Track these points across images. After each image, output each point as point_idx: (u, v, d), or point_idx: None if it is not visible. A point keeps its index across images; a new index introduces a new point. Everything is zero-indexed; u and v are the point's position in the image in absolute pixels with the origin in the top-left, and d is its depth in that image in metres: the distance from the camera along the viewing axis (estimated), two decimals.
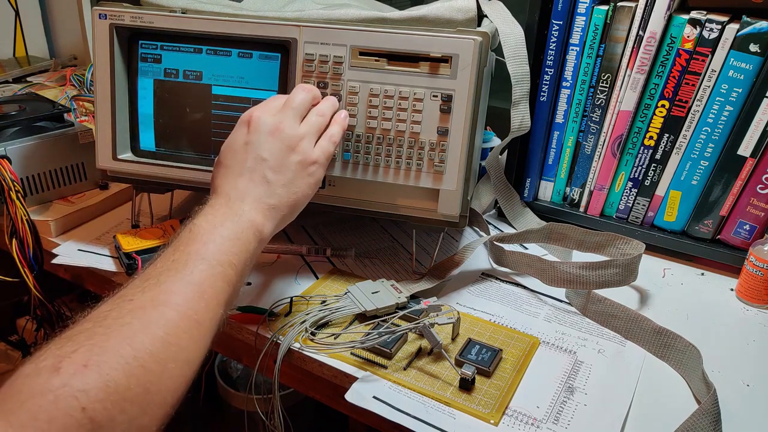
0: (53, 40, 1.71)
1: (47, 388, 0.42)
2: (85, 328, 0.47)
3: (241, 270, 0.58)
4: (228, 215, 0.60)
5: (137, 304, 0.50)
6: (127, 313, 0.49)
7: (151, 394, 0.46)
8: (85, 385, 0.42)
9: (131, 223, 0.92)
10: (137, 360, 0.46)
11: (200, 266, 0.55)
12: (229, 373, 1.50)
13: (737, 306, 0.80)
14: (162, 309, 0.50)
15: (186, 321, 0.51)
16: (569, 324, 0.75)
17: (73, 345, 0.45)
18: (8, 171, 0.84)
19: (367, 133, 0.75)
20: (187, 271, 0.54)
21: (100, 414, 0.42)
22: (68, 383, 0.42)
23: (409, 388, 0.64)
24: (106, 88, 0.80)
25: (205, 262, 0.55)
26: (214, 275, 0.55)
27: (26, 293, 0.88)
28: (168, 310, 0.50)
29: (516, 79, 0.82)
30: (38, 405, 0.41)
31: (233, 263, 0.57)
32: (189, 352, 0.51)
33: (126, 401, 0.44)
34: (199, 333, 0.52)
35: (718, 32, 0.78)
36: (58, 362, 0.43)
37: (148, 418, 0.46)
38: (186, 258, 0.55)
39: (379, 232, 0.94)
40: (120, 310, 0.49)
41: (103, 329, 0.47)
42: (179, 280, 0.53)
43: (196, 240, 0.57)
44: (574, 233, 0.83)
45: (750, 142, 0.79)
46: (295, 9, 0.80)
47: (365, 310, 0.72)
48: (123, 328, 0.48)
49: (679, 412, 0.62)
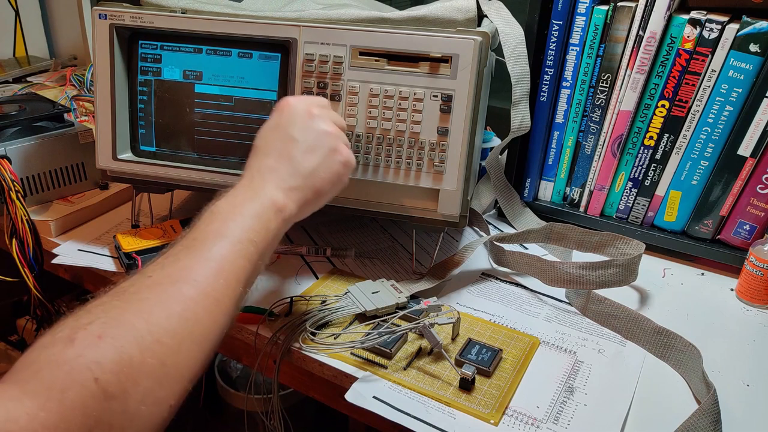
0: (53, 40, 1.71)
1: (62, 358, 0.42)
2: (103, 301, 0.48)
3: (263, 248, 0.58)
4: (248, 195, 0.60)
5: (155, 280, 0.50)
6: (145, 288, 0.50)
7: (166, 368, 0.46)
8: (99, 357, 0.43)
9: (131, 223, 0.93)
10: (152, 334, 0.46)
11: (220, 243, 0.54)
12: (229, 373, 1.50)
13: (737, 306, 0.80)
14: (179, 285, 0.50)
15: (204, 297, 0.51)
16: (569, 324, 0.75)
17: (89, 317, 0.45)
18: (8, 171, 0.84)
19: (367, 133, 0.75)
20: (206, 248, 0.54)
21: (113, 385, 0.42)
22: (82, 354, 0.42)
23: (409, 388, 0.64)
24: (106, 88, 0.80)
25: (225, 240, 0.55)
26: (233, 252, 0.55)
27: (26, 293, 0.88)
28: (186, 285, 0.50)
29: (516, 79, 0.82)
30: (53, 375, 0.41)
31: (254, 241, 0.57)
32: (206, 328, 0.51)
33: (140, 374, 0.44)
34: (218, 309, 0.52)
35: (718, 32, 0.78)
36: (74, 333, 0.43)
37: (165, 392, 0.46)
38: (205, 236, 0.55)
39: (379, 232, 0.94)
40: (138, 285, 0.50)
41: (120, 302, 0.48)
42: (198, 258, 0.53)
43: (216, 219, 0.57)
44: (574, 233, 0.83)
45: (750, 142, 0.80)
46: (295, 9, 0.80)
47: (365, 310, 0.72)
48: (140, 303, 0.48)
49: (679, 412, 0.62)
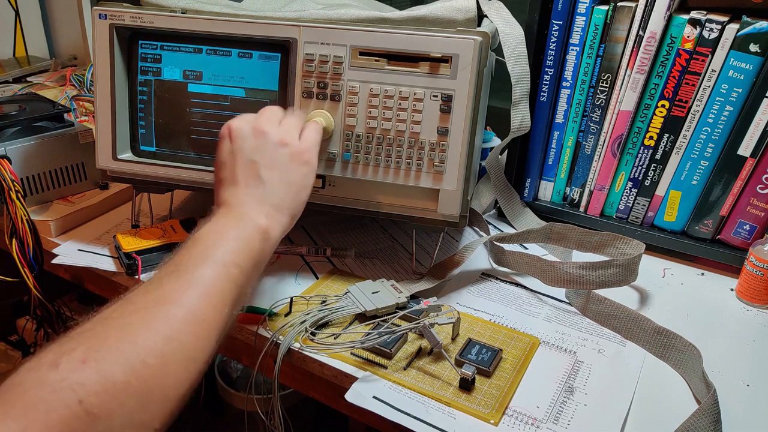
0: (53, 40, 1.71)
1: (46, 381, 0.42)
2: (87, 328, 0.48)
3: (248, 271, 0.58)
4: (231, 221, 0.61)
5: (140, 305, 0.51)
6: (129, 314, 0.50)
7: (151, 390, 0.46)
8: (83, 379, 0.43)
9: (131, 223, 0.92)
10: (137, 356, 0.46)
11: (204, 266, 0.55)
12: (229, 373, 1.50)
13: (737, 306, 0.80)
14: (165, 307, 0.51)
15: (190, 318, 0.51)
16: (569, 324, 0.75)
17: (73, 343, 0.46)
18: (8, 171, 0.84)
19: (367, 133, 0.75)
20: (189, 272, 0.54)
21: (96, 407, 0.42)
22: (66, 377, 0.43)
23: (409, 388, 0.64)
24: (106, 88, 0.80)
25: (209, 263, 0.55)
26: (218, 275, 0.55)
27: (26, 293, 0.88)
28: (171, 307, 0.51)
29: (516, 79, 0.82)
30: (37, 396, 0.41)
31: (238, 263, 0.57)
32: (193, 350, 0.51)
33: (125, 395, 0.44)
34: (204, 331, 0.52)
35: (718, 32, 0.78)
36: (58, 358, 0.44)
37: (150, 414, 0.46)
38: (189, 261, 0.55)
39: (379, 232, 0.94)
40: (122, 311, 0.50)
41: (104, 328, 0.48)
42: (183, 281, 0.53)
43: (199, 244, 0.57)
44: (574, 233, 0.83)
45: (750, 142, 0.79)
46: (295, 9, 0.80)
47: (365, 310, 0.72)
48: (124, 328, 0.48)
49: (679, 412, 0.62)
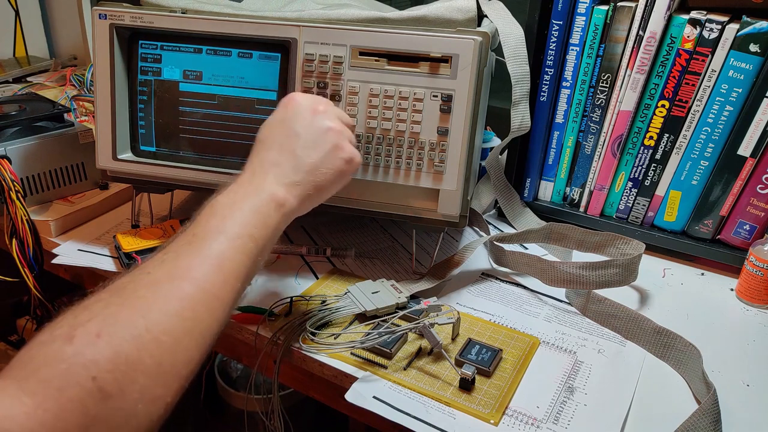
0: (53, 40, 1.71)
1: (60, 356, 0.42)
2: (101, 297, 0.48)
3: (263, 244, 0.58)
4: (249, 190, 0.60)
5: (154, 277, 0.50)
6: (144, 286, 0.49)
7: (163, 367, 0.46)
8: (97, 355, 0.43)
9: (131, 223, 0.92)
10: (150, 332, 0.46)
11: (219, 239, 0.54)
12: (229, 373, 1.50)
13: (737, 306, 0.80)
14: (178, 282, 0.50)
15: (203, 294, 0.51)
16: (569, 324, 0.75)
17: (88, 314, 0.45)
18: (8, 171, 0.84)
19: (367, 133, 0.75)
20: (205, 245, 0.54)
21: (109, 384, 0.42)
22: (80, 352, 0.42)
23: (409, 388, 0.64)
24: (106, 88, 0.80)
25: (224, 236, 0.55)
26: (233, 248, 0.55)
27: (26, 293, 0.88)
28: (185, 283, 0.50)
29: (516, 79, 0.82)
30: (50, 373, 0.41)
31: (253, 236, 0.57)
32: (205, 326, 0.51)
33: (137, 372, 0.44)
34: (217, 306, 0.52)
35: (718, 32, 0.78)
36: (72, 330, 0.44)
37: (161, 390, 0.46)
38: (205, 232, 0.55)
39: (379, 232, 0.94)
40: (137, 282, 0.50)
41: (119, 300, 0.48)
42: (197, 255, 0.53)
43: (216, 215, 0.57)
44: (574, 233, 0.83)
45: (750, 142, 0.79)
46: (295, 9, 0.80)
47: (365, 310, 0.72)
48: (138, 301, 0.48)
49: (679, 412, 0.62)
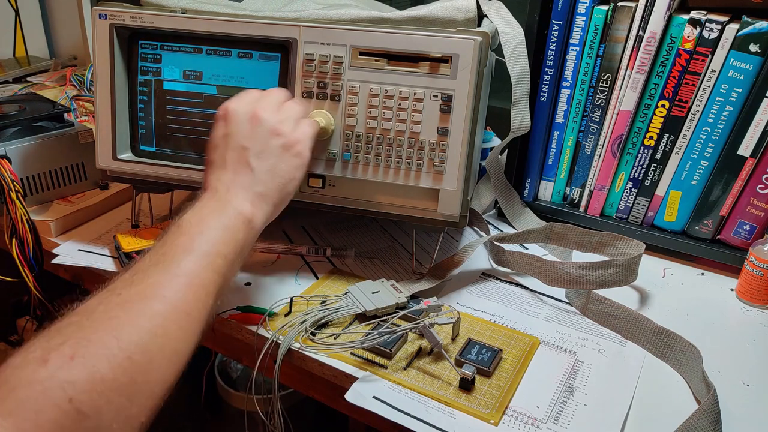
0: (53, 40, 1.71)
1: (35, 378, 0.42)
2: (73, 321, 0.48)
3: (232, 260, 0.58)
4: (215, 207, 0.60)
5: (125, 297, 0.50)
6: (115, 306, 0.50)
7: (138, 385, 0.46)
8: (72, 377, 0.43)
9: (131, 223, 0.92)
10: (123, 352, 0.46)
11: (188, 258, 0.55)
12: (229, 373, 1.50)
13: (737, 306, 0.80)
14: (149, 302, 0.51)
15: (174, 312, 0.51)
16: (569, 324, 0.75)
17: (60, 337, 0.45)
18: (8, 171, 0.84)
19: (367, 133, 0.75)
20: (174, 263, 0.54)
21: (86, 405, 0.43)
22: (55, 375, 0.43)
23: (409, 388, 0.64)
24: (106, 88, 0.80)
25: (193, 254, 0.55)
26: (202, 266, 0.55)
27: (26, 293, 0.88)
28: (155, 302, 0.51)
29: (516, 79, 0.82)
30: (26, 395, 0.41)
31: (222, 253, 0.57)
32: (177, 343, 0.51)
33: (112, 392, 0.44)
34: (188, 324, 0.52)
35: (718, 32, 0.78)
36: (46, 354, 0.44)
37: (136, 409, 0.46)
38: (174, 251, 0.55)
39: (379, 232, 0.94)
40: (108, 303, 0.50)
41: (90, 322, 0.48)
42: (166, 273, 0.53)
43: (184, 233, 0.57)
44: (574, 233, 0.83)
45: (750, 142, 0.79)
46: (295, 9, 0.80)
47: (365, 310, 0.72)
48: (110, 321, 0.48)
49: (679, 412, 0.62)
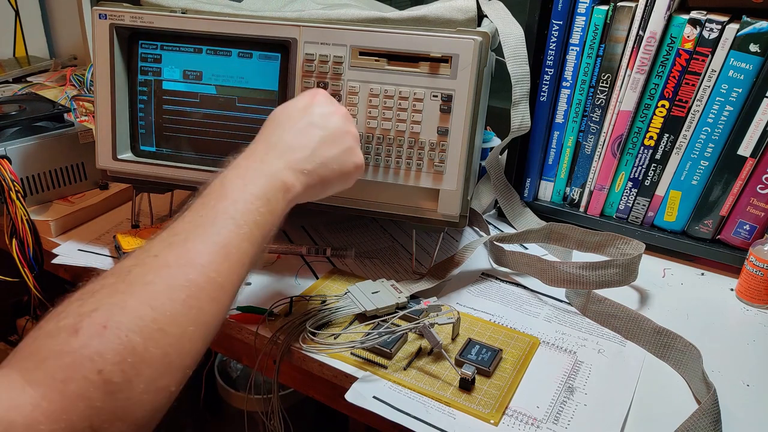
0: (53, 40, 1.71)
1: (66, 349, 0.42)
2: (108, 283, 0.47)
3: (267, 231, 0.58)
4: (260, 172, 0.59)
5: (161, 261, 0.50)
6: (150, 270, 0.49)
7: (169, 357, 0.46)
8: (103, 348, 0.42)
9: (131, 223, 0.92)
10: (156, 323, 0.46)
11: (228, 226, 0.54)
12: (229, 373, 1.50)
13: (737, 306, 0.80)
14: (186, 269, 0.50)
15: (209, 284, 0.50)
16: (569, 324, 0.75)
17: (94, 302, 0.45)
18: (8, 171, 0.84)
19: (367, 133, 0.75)
20: (214, 230, 0.53)
21: (116, 376, 0.42)
22: (87, 344, 0.42)
23: (409, 388, 0.64)
24: (106, 88, 0.80)
25: (233, 222, 0.54)
26: (240, 236, 0.54)
27: (26, 293, 0.88)
28: (192, 271, 0.50)
29: (516, 79, 0.82)
30: (56, 365, 0.41)
31: (259, 223, 0.56)
32: (209, 315, 0.50)
33: (143, 364, 0.44)
34: (221, 295, 0.52)
35: (718, 32, 0.78)
36: (78, 322, 0.43)
37: (166, 380, 0.46)
38: (214, 215, 0.54)
39: (379, 232, 0.94)
40: (144, 266, 0.49)
41: (126, 286, 0.47)
42: (205, 240, 0.52)
43: (226, 196, 0.56)
44: (574, 233, 0.83)
45: (750, 142, 0.79)
46: (295, 9, 0.80)
47: (365, 310, 0.72)
48: (146, 287, 0.47)
49: (679, 412, 0.62)
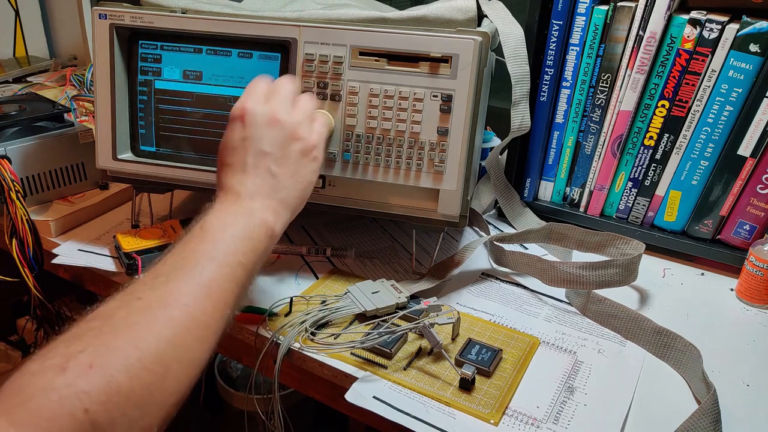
0: (53, 40, 1.71)
1: (51, 386, 0.42)
2: (93, 326, 0.47)
3: (251, 269, 0.58)
4: (239, 214, 0.60)
5: (145, 303, 0.50)
6: (135, 312, 0.49)
7: (153, 396, 0.46)
8: (89, 387, 0.42)
9: (131, 223, 0.92)
10: (141, 362, 0.46)
11: (209, 266, 0.54)
12: (229, 373, 1.50)
13: (737, 306, 0.80)
14: (169, 309, 0.50)
15: (192, 322, 0.51)
16: (569, 324, 0.75)
17: (80, 344, 0.45)
18: (8, 171, 0.84)
19: (367, 133, 0.75)
20: (196, 271, 0.54)
21: (101, 416, 0.42)
22: (73, 383, 0.42)
23: (409, 388, 0.64)
24: (106, 88, 0.80)
25: (215, 263, 0.55)
26: (222, 275, 0.55)
27: (26, 293, 0.88)
28: (175, 310, 0.50)
29: (516, 79, 0.82)
30: (41, 404, 0.41)
31: (242, 263, 0.57)
32: (194, 353, 0.51)
33: (128, 403, 0.44)
34: (205, 334, 0.52)
35: (718, 32, 0.78)
36: (65, 362, 0.43)
37: (149, 420, 0.46)
38: (195, 257, 0.55)
39: (379, 232, 0.94)
40: (128, 308, 0.49)
41: (110, 328, 0.47)
42: (188, 280, 0.53)
43: (206, 239, 0.56)
44: (574, 233, 0.83)
45: (750, 142, 0.79)
46: (295, 9, 0.80)
47: (365, 310, 0.72)
48: (130, 329, 0.47)
49: (679, 412, 0.62)
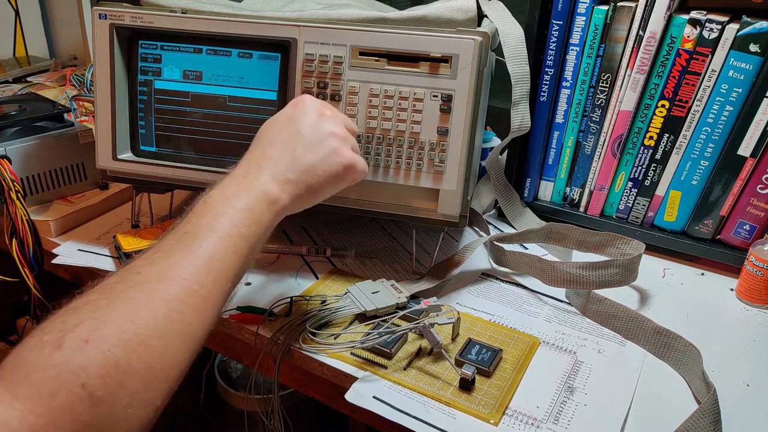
0: (53, 40, 1.71)
1: (49, 363, 0.42)
2: (90, 299, 0.47)
3: (254, 242, 0.57)
4: (243, 186, 0.59)
5: (143, 277, 0.50)
6: (133, 286, 0.49)
7: (153, 370, 0.46)
8: (86, 361, 0.43)
9: (131, 223, 0.92)
10: (138, 336, 0.46)
11: (210, 239, 0.54)
12: (229, 373, 1.50)
13: (737, 306, 0.80)
14: (167, 283, 0.50)
15: (192, 296, 0.50)
16: (569, 324, 0.75)
17: (76, 318, 0.45)
18: (8, 171, 0.84)
19: (367, 133, 0.75)
20: (196, 244, 0.53)
21: (100, 390, 0.42)
22: (70, 358, 0.42)
23: (409, 388, 0.64)
24: (106, 88, 0.80)
25: (215, 235, 0.54)
26: (223, 248, 0.54)
27: (26, 293, 0.88)
28: (173, 284, 0.50)
29: (516, 79, 0.82)
30: (41, 379, 0.41)
31: (244, 235, 0.56)
32: (194, 328, 0.50)
33: (127, 377, 0.44)
34: (206, 307, 0.51)
35: (718, 32, 0.78)
36: (61, 336, 0.43)
37: (152, 393, 0.46)
38: (196, 231, 0.54)
39: (379, 232, 0.94)
40: (126, 282, 0.49)
41: (108, 302, 0.47)
42: (188, 254, 0.52)
43: (208, 212, 0.56)
44: (574, 233, 0.83)
45: (750, 142, 0.79)
46: (295, 9, 0.80)
47: (365, 310, 0.72)
48: (127, 303, 0.47)
49: (679, 412, 0.62)
